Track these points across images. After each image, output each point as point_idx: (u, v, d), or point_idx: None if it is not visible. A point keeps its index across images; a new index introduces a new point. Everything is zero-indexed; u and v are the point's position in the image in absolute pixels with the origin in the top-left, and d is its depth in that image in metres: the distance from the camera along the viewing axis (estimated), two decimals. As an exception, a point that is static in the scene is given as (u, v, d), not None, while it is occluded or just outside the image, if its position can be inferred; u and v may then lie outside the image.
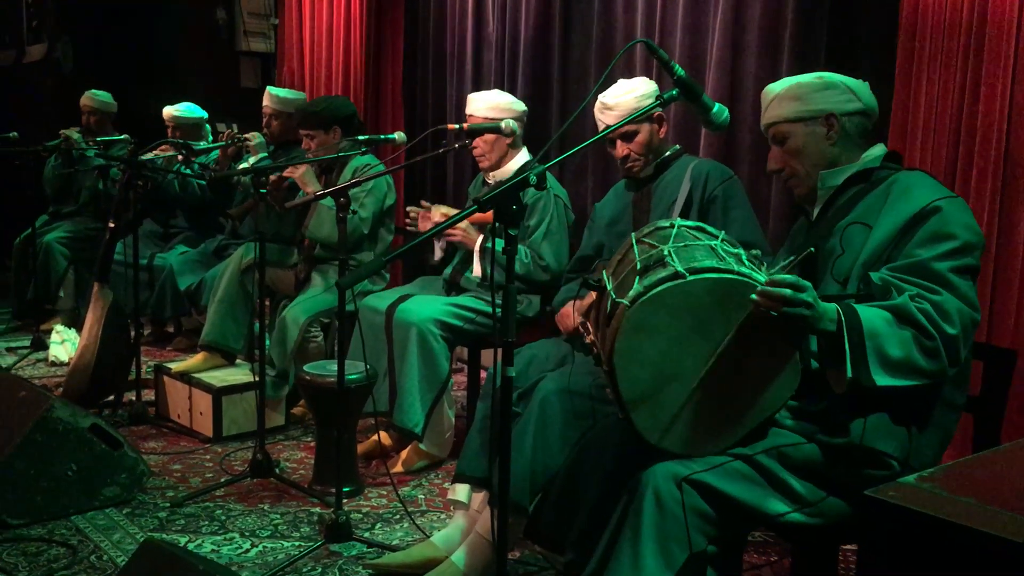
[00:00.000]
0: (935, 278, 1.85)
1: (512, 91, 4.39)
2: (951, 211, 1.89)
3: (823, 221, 2.08)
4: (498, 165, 3.53)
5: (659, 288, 1.81)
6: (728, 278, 1.81)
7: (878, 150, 2.09)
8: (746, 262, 1.88)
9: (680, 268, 1.82)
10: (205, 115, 5.19)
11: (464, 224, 3.38)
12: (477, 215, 3.36)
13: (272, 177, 3.81)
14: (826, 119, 2.05)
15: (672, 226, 1.99)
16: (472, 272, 3.46)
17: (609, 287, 1.95)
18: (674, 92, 1.96)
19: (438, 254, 3.73)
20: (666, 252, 1.88)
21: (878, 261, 1.93)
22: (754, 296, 1.75)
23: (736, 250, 1.93)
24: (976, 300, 1.89)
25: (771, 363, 1.86)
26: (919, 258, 1.87)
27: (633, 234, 2.06)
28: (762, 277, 1.82)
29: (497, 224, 3.30)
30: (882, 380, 1.78)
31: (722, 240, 1.96)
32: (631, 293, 1.84)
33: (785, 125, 2.09)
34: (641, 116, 2.46)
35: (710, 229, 2.00)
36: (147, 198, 4.70)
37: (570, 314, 2.78)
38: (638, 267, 1.90)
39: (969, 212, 1.95)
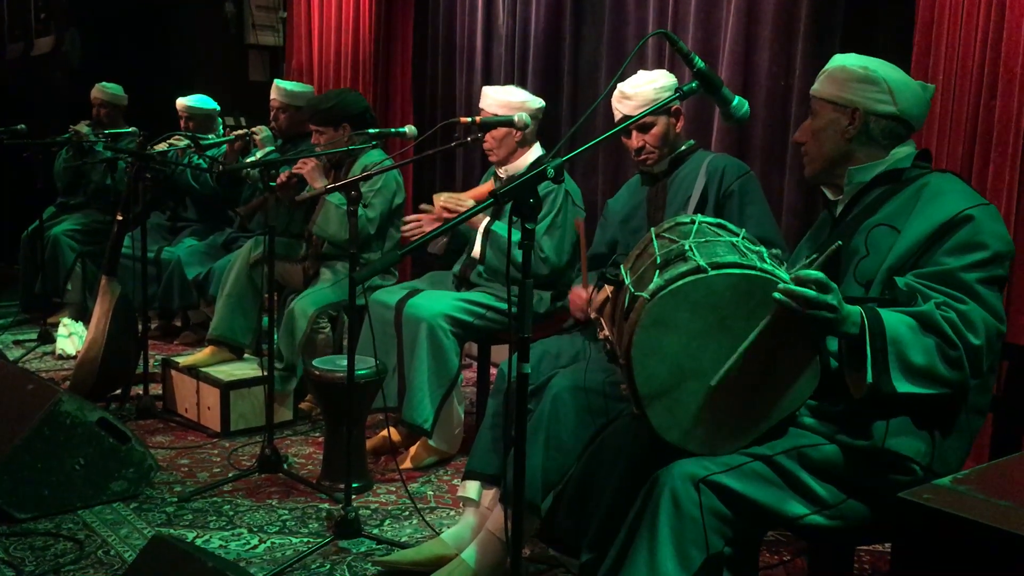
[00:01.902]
0: (962, 288, 1.81)
1: (522, 85, 4.36)
2: (983, 220, 1.86)
3: (848, 219, 2.04)
4: (507, 160, 3.50)
5: (680, 282, 1.78)
6: (751, 274, 1.78)
7: (908, 148, 2.04)
8: (767, 259, 1.85)
9: (702, 262, 1.79)
10: (217, 107, 5.18)
11: (469, 203, 3.35)
12: (474, 192, 3.34)
13: (280, 177, 3.78)
14: (851, 113, 2.00)
15: (693, 222, 1.96)
16: (473, 252, 3.42)
17: (627, 281, 1.92)
18: (693, 84, 1.93)
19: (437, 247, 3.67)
20: (687, 247, 1.84)
21: (904, 266, 1.88)
22: (777, 295, 1.72)
23: (757, 248, 1.90)
24: (1002, 311, 1.86)
25: (791, 362, 1.82)
26: (947, 267, 1.83)
27: (652, 229, 2.03)
28: (785, 275, 1.78)
29: (498, 212, 3.29)
30: (903, 387, 1.75)
31: (743, 237, 1.92)
32: (651, 286, 1.80)
33: (818, 102, 2.07)
34: (660, 108, 2.42)
35: (731, 226, 1.97)
36: (159, 187, 4.69)
37: (581, 294, 2.72)
38: (658, 261, 1.87)
39: (1000, 220, 1.91)
